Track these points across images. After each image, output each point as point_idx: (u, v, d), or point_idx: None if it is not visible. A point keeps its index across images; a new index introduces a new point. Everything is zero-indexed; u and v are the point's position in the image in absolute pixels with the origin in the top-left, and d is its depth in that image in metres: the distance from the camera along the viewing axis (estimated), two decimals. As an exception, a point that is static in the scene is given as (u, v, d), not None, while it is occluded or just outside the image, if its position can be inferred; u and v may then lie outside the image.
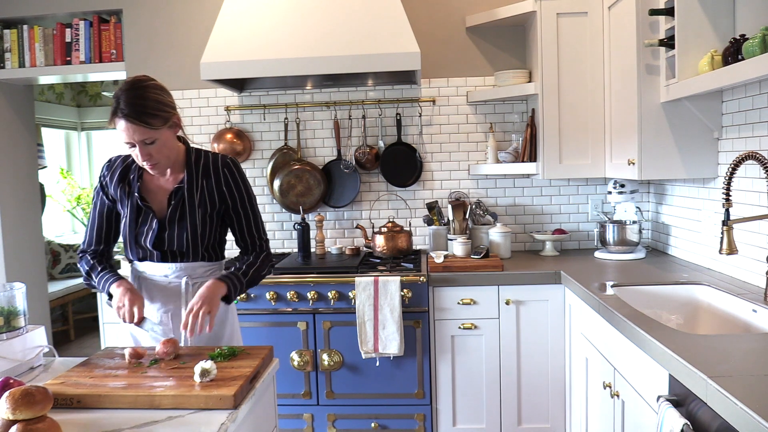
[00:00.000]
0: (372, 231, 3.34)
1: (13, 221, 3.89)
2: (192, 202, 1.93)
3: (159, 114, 1.77)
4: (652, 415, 1.72)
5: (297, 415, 2.95)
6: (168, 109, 1.81)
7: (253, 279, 1.98)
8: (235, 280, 1.91)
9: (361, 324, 2.81)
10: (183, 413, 1.39)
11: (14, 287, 1.73)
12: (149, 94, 1.76)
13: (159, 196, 1.95)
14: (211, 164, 1.96)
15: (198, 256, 1.96)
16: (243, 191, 1.99)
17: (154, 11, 3.50)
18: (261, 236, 2.05)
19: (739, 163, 1.94)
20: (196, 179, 1.94)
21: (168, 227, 1.92)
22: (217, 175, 1.95)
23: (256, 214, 2.03)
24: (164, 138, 1.82)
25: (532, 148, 3.14)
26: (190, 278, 1.97)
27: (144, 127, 1.75)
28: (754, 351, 1.54)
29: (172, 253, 1.94)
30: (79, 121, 6.54)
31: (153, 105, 1.76)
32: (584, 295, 2.39)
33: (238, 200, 1.98)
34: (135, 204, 1.93)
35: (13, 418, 1.21)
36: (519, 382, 2.91)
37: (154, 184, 1.96)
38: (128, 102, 1.73)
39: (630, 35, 2.59)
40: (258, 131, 3.54)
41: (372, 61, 2.84)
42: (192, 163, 1.95)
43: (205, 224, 1.95)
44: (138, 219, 1.93)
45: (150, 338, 2.00)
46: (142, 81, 1.79)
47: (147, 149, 1.79)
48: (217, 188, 1.95)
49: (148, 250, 1.95)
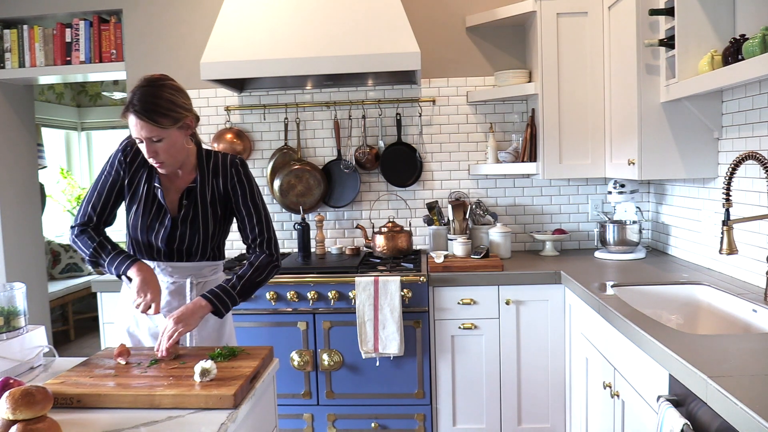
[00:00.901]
0: (372, 231, 3.34)
1: (13, 221, 3.89)
2: (204, 202, 1.94)
3: (169, 114, 1.78)
4: (652, 415, 1.72)
5: (297, 415, 2.95)
6: (180, 110, 1.81)
7: (246, 289, 1.91)
8: (224, 296, 1.85)
9: (361, 324, 2.81)
10: (183, 413, 1.39)
11: (14, 287, 1.73)
12: (163, 93, 1.78)
13: (171, 194, 1.95)
14: (221, 164, 1.97)
15: (206, 256, 1.97)
16: (247, 188, 1.98)
17: (154, 11, 3.50)
18: (265, 235, 1.99)
19: (739, 163, 1.94)
20: (208, 179, 1.95)
21: (180, 226, 1.92)
22: (225, 174, 1.96)
23: (260, 212, 1.99)
24: (173, 138, 1.82)
25: (532, 148, 3.14)
26: (195, 278, 1.97)
27: (152, 125, 1.75)
28: (754, 351, 1.54)
29: (179, 252, 1.94)
30: (79, 121, 6.54)
31: (165, 104, 1.77)
32: (584, 295, 2.39)
33: (240, 196, 1.97)
34: (151, 195, 1.91)
35: (13, 418, 1.21)
36: (519, 382, 2.91)
37: (168, 181, 1.96)
38: (141, 98, 1.75)
39: (630, 35, 2.59)
40: (258, 131, 3.54)
41: (372, 61, 2.84)
42: (204, 164, 1.96)
43: (216, 224, 1.96)
44: (150, 213, 1.92)
45: (149, 338, 2.00)
46: (160, 80, 1.81)
47: (153, 147, 1.80)
48: (224, 187, 1.96)
49: (156, 247, 1.94)
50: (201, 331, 1.98)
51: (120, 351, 1.69)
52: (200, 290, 1.97)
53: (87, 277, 5.88)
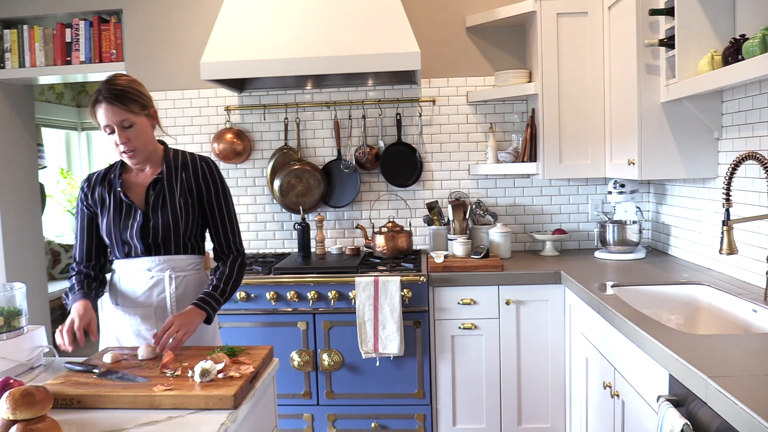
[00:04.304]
0: (372, 231, 3.34)
1: (13, 221, 3.89)
2: (172, 191, 1.99)
3: (137, 100, 1.89)
4: (652, 415, 1.72)
5: (297, 415, 2.95)
6: (146, 98, 1.93)
7: (231, 293, 2.02)
8: (213, 303, 1.94)
9: (361, 324, 2.81)
10: (183, 413, 1.39)
11: (14, 287, 1.73)
12: (129, 84, 1.92)
13: (138, 190, 2.01)
14: (189, 159, 2.05)
15: (180, 248, 2.00)
16: (219, 187, 2.05)
17: (154, 11, 3.50)
18: (236, 240, 2.08)
19: (739, 163, 1.94)
20: (175, 171, 2.01)
21: (152, 217, 1.96)
22: (195, 168, 2.03)
23: (231, 215, 2.08)
24: (142, 125, 1.91)
25: (532, 148, 3.14)
26: (174, 271, 1.99)
27: (123, 108, 1.86)
28: (754, 351, 1.54)
29: (156, 246, 1.97)
30: (79, 121, 6.54)
31: (132, 92, 1.89)
32: (584, 295, 2.39)
33: (213, 193, 2.03)
34: (118, 199, 1.98)
35: (13, 418, 1.21)
36: (519, 382, 2.91)
37: (132, 182, 2.02)
38: (108, 88, 1.87)
39: (630, 35, 2.58)
40: (258, 131, 3.54)
41: (372, 61, 2.84)
42: (170, 159, 2.03)
43: (187, 212, 1.99)
44: (121, 214, 1.98)
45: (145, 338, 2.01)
46: (121, 75, 1.95)
47: (125, 133, 1.88)
48: (194, 179, 2.02)
49: (131, 244, 1.97)
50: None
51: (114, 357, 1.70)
52: (181, 284, 2.00)
53: (87, 277, 5.87)
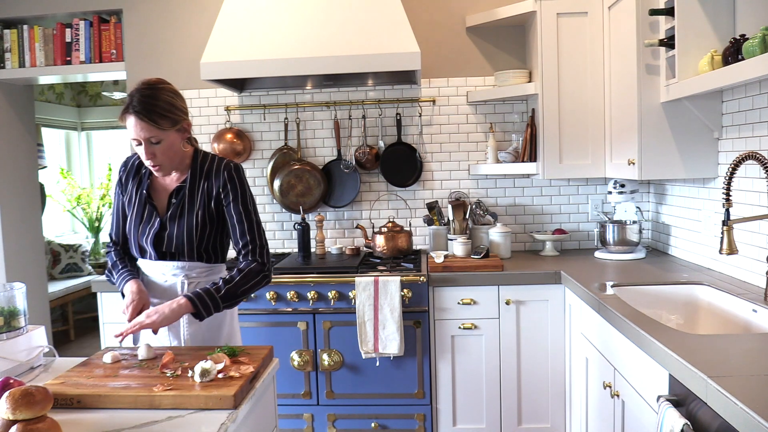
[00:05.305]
0: (372, 231, 3.34)
1: (13, 221, 3.89)
2: (192, 201, 1.95)
3: (168, 116, 1.82)
4: (652, 415, 1.72)
5: (297, 415, 2.95)
6: (178, 112, 1.86)
7: (230, 295, 1.87)
8: (207, 299, 1.84)
9: (361, 324, 2.81)
10: (183, 413, 1.39)
11: (14, 287, 1.73)
12: (162, 96, 1.83)
13: (162, 195, 1.99)
14: (215, 166, 1.97)
15: (194, 257, 1.96)
16: (239, 192, 1.95)
17: (154, 11, 3.50)
18: (256, 241, 1.96)
19: (739, 163, 1.94)
20: (199, 180, 1.96)
21: (168, 226, 1.94)
22: (217, 176, 1.96)
23: (251, 218, 1.97)
24: (171, 140, 1.86)
25: (532, 148, 3.14)
26: (187, 278, 1.97)
27: (151, 125, 1.79)
28: (754, 351, 1.54)
29: (170, 254, 1.96)
30: (79, 121, 6.54)
31: (164, 106, 1.82)
32: (584, 295, 2.39)
33: (232, 200, 1.95)
34: (142, 200, 1.97)
35: (13, 418, 1.21)
36: (519, 382, 2.91)
37: (159, 184, 2.00)
38: (140, 100, 1.79)
39: (630, 35, 2.58)
40: (258, 131, 3.54)
41: (372, 61, 2.84)
42: (197, 165, 1.97)
43: (204, 225, 1.95)
44: (142, 217, 1.97)
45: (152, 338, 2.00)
46: (158, 83, 1.86)
47: (152, 149, 1.83)
48: (215, 188, 1.96)
49: (147, 250, 1.97)
50: (194, 330, 1.97)
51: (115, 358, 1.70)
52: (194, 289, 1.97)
53: (87, 277, 5.88)
